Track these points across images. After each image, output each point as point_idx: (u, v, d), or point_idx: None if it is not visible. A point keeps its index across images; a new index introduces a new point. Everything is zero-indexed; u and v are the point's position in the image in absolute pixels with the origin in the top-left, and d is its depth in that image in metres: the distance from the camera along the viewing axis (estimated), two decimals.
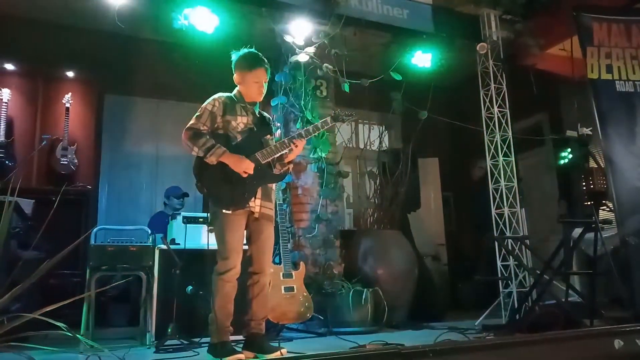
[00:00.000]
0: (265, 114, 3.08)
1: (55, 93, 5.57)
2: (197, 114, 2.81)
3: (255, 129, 2.90)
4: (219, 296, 2.72)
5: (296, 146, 2.85)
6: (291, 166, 3.05)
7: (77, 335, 1.44)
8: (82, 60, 5.61)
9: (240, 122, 2.85)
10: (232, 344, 2.79)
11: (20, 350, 1.47)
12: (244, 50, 2.95)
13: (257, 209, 2.82)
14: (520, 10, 5.53)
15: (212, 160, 2.69)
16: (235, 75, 2.95)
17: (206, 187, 2.75)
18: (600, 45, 4.30)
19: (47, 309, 1.57)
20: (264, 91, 2.95)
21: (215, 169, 2.72)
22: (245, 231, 2.86)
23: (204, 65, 5.65)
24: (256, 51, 2.97)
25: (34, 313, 1.52)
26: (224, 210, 2.72)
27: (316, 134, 3.27)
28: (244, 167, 2.71)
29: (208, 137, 2.74)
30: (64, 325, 1.49)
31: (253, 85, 2.89)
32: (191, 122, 2.79)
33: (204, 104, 2.85)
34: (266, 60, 2.95)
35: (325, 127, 3.01)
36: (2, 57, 5.38)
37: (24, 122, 5.44)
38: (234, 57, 2.96)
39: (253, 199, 2.80)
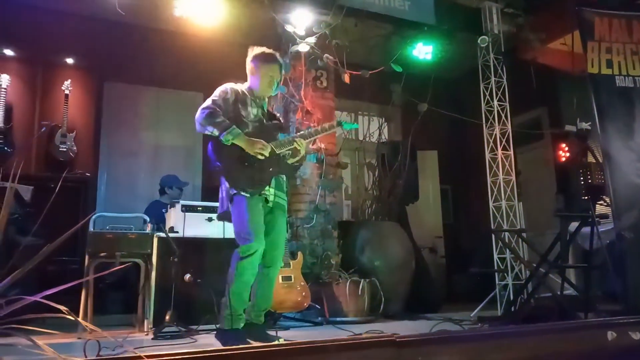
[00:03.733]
0: (275, 112, 3.13)
1: (54, 79, 5.54)
2: (212, 97, 2.83)
3: (265, 122, 2.93)
4: (237, 282, 2.63)
5: (302, 143, 2.89)
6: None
7: (78, 319, 1.45)
8: (82, 47, 5.60)
9: (251, 112, 2.88)
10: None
11: (19, 333, 1.48)
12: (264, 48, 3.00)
13: (271, 198, 2.83)
14: (522, 4, 5.53)
15: (228, 138, 2.68)
16: (249, 66, 2.96)
17: (225, 168, 2.73)
18: (601, 40, 4.29)
19: (46, 293, 1.57)
20: (274, 88, 2.98)
21: (233, 152, 2.71)
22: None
23: (205, 54, 5.65)
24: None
25: (34, 296, 1.53)
26: (242, 193, 2.69)
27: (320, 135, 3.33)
28: (259, 147, 2.72)
29: (223, 117, 2.75)
30: (65, 309, 1.50)
31: (265, 78, 2.91)
32: (206, 103, 2.80)
33: (216, 91, 2.87)
34: (282, 62, 3.00)
35: (332, 130, 3.16)
36: (2, 43, 5.36)
37: (23, 109, 5.42)
38: (253, 50, 2.97)
39: (267, 187, 2.80)
